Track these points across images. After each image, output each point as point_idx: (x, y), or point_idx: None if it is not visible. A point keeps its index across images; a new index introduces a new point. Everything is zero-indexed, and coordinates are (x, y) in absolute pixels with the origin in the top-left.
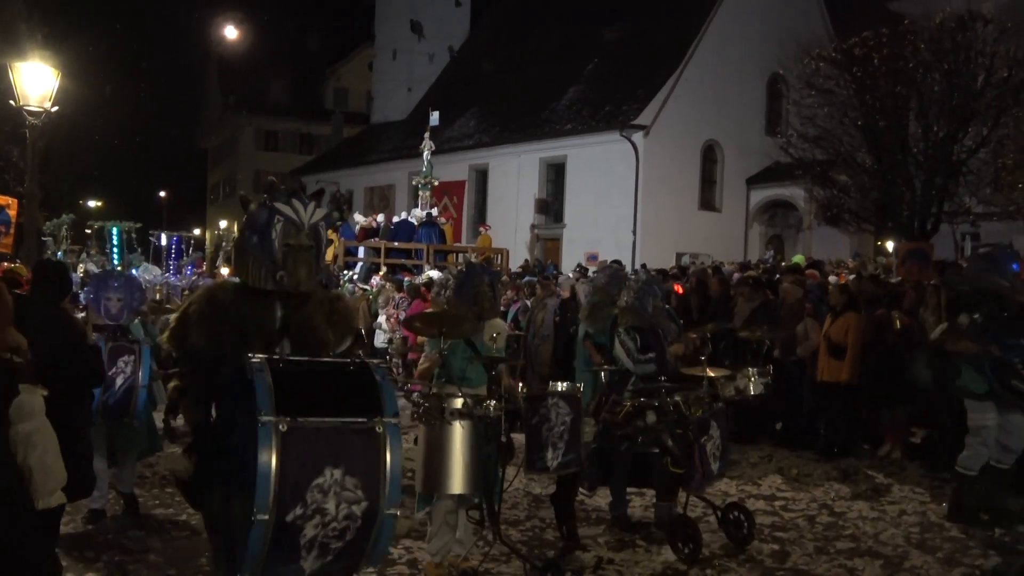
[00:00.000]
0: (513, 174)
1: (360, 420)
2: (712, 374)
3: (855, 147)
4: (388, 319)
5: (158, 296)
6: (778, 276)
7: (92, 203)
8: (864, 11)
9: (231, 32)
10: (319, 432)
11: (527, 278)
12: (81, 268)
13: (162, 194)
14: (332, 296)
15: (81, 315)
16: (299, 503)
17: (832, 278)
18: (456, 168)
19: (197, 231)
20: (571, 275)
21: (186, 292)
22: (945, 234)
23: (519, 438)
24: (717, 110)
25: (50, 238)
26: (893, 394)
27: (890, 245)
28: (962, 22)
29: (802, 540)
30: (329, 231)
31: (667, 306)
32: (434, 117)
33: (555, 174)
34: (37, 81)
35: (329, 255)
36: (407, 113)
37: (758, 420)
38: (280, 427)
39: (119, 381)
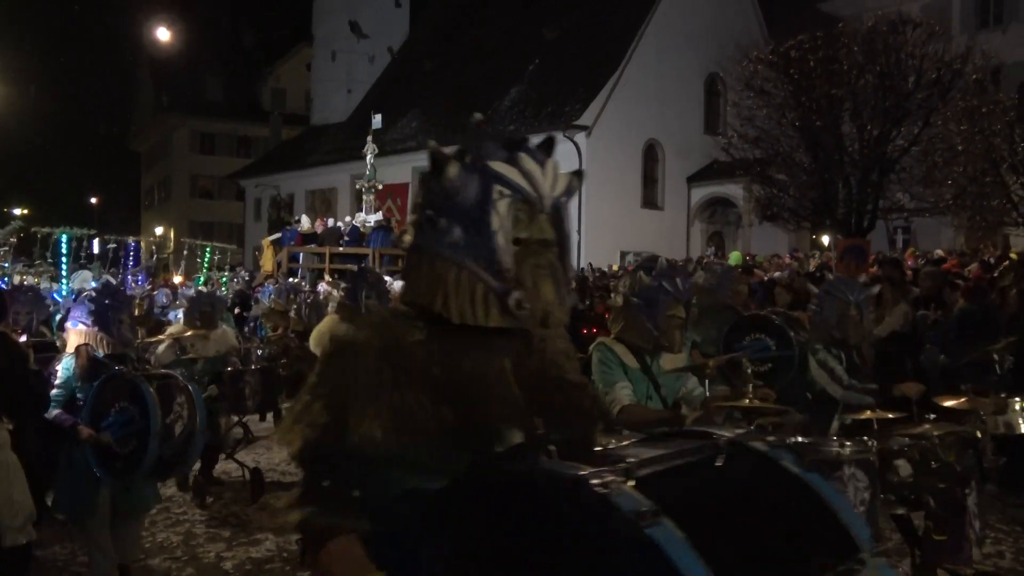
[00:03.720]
0: None
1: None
2: (978, 404)
3: (793, 147)
4: None
5: (136, 312)
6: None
7: (17, 210)
8: (798, 12)
9: (164, 32)
10: None
11: None
12: (18, 278)
13: (93, 200)
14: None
15: (22, 339)
16: None
17: (776, 274)
18: (399, 170)
19: (132, 238)
20: None
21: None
22: (880, 229)
23: None
24: (657, 110)
25: (6, 246)
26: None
27: (825, 239)
28: (893, 25)
29: None
30: (264, 241)
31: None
32: (376, 120)
33: None
34: None
35: (268, 264)
36: (347, 115)
37: None
38: None
39: (178, 429)
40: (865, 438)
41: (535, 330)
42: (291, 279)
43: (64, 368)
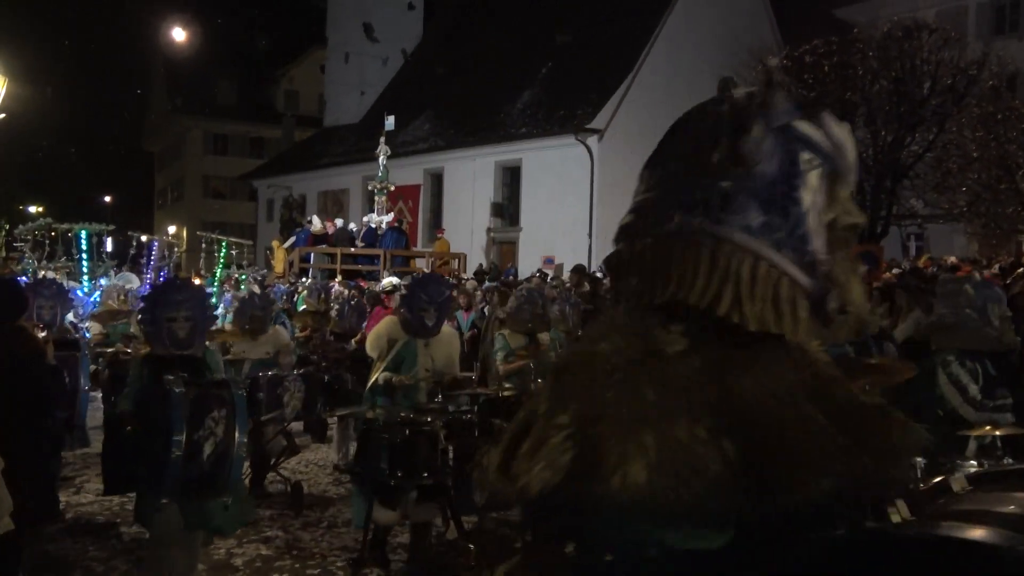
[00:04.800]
0: (468, 177)
1: None
2: None
3: None
4: None
5: (120, 305)
6: None
7: (32, 208)
8: (812, 18)
9: (179, 34)
10: None
11: (486, 284)
12: (43, 274)
13: (107, 198)
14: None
15: (42, 334)
16: None
17: None
18: (411, 172)
19: (144, 237)
20: (534, 280)
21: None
22: (893, 235)
23: None
24: (670, 113)
25: (24, 242)
26: None
27: None
28: (908, 31)
29: None
30: (275, 242)
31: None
32: (389, 122)
33: (510, 177)
34: None
35: (279, 265)
36: (360, 116)
37: None
38: None
39: (207, 448)
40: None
41: (796, 340)
42: (303, 279)
43: (135, 366)
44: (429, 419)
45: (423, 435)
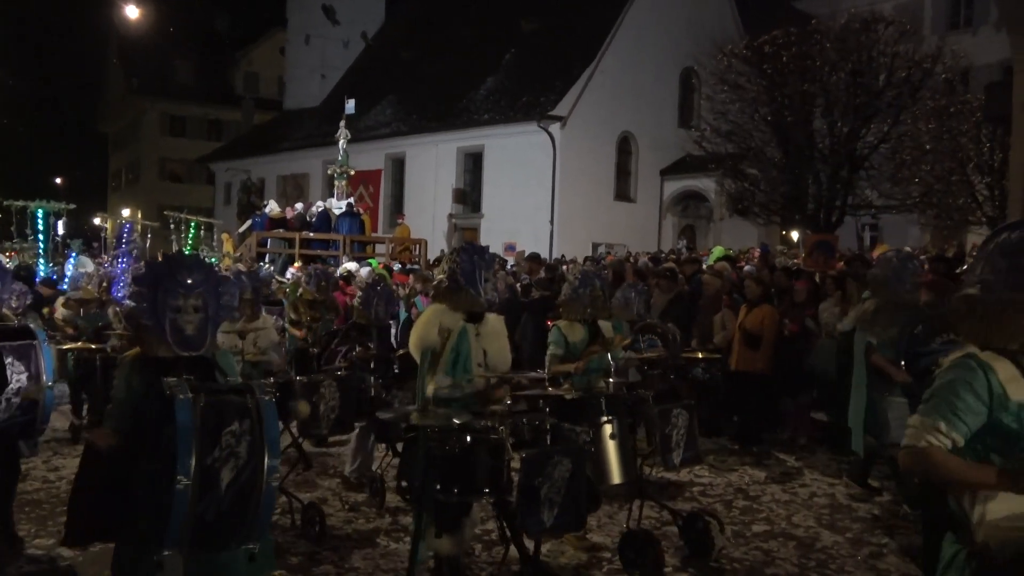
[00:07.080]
0: (431, 163)
1: None
2: None
3: (765, 142)
4: None
5: (100, 293)
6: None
7: None
8: (773, 9)
9: (132, 11)
10: None
11: None
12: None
13: (59, 180)
14: None
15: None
16: None
17: (748, 267)
18: (372, 157)
19: (98, 220)
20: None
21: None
22: (848, 225)
23: None
24: (632, 102)
25: None
26: (797, 382)
27: (795, 235)
28: (866, 24)
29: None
30: (225, 235)
31: None
32: (350, 105)
33: (473, 164)
34: None
35: (227, 244)
36: (321, 100)
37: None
38: None
39: (226, 475)
40: None
41: None
42: (261, 264)
43: (120, 375)
44: (491, 424)
45: (484, 444)
